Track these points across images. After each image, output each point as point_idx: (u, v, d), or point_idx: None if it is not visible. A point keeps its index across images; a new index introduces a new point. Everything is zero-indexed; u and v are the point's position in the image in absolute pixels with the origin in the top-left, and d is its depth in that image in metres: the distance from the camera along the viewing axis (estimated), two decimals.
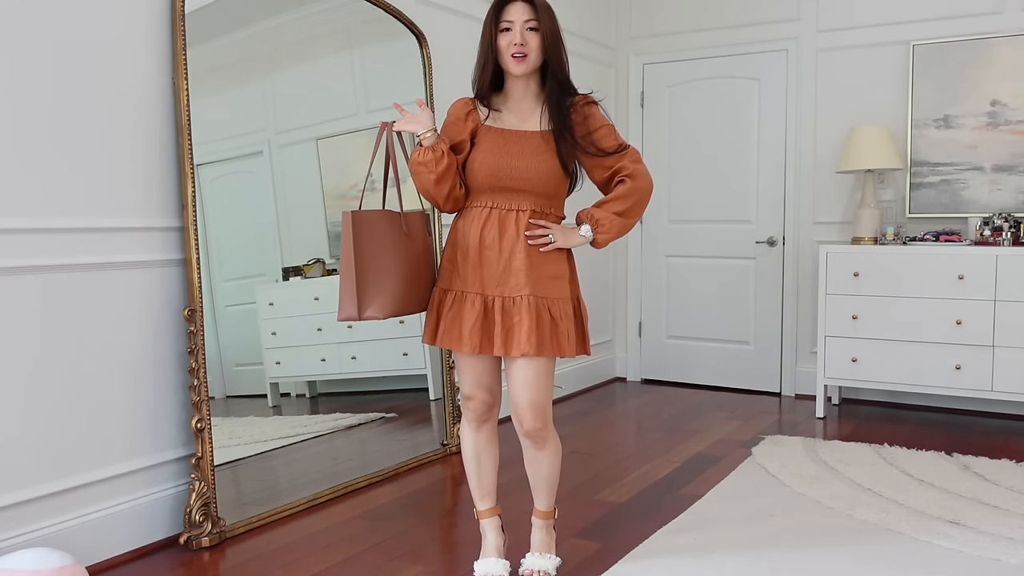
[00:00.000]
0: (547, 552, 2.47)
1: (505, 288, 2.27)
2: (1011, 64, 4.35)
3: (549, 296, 2.28)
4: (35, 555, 2.12)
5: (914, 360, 4.24)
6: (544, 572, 2.42)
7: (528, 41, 2.25)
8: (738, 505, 3.07)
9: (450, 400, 3.85)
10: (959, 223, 4.50)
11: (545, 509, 2.48)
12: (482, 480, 2.51)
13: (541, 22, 2.26)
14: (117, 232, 2.66)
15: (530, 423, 2.32)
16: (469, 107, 2.35)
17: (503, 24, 2.26)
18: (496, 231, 2.28)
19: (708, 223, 5.26)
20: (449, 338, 2.30)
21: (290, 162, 3.31)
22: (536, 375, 2.28)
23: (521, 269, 2.26)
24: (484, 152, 2.30)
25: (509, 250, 2.28)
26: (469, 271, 2.30)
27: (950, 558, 2.58)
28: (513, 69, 2.28)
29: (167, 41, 2.79)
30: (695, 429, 4.25)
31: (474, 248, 2.29)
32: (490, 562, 2.44)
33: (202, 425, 2.77)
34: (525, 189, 2.29)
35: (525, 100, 2.35)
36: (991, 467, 3.50)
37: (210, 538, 2.74)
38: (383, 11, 3.61)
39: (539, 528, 2.49)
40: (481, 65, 2.34)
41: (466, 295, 2.29)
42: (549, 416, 2.36)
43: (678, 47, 5.28)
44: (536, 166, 2.28)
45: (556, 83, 2.31)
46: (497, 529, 2.51)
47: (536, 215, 2.31)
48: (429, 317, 2.38)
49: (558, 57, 2.30)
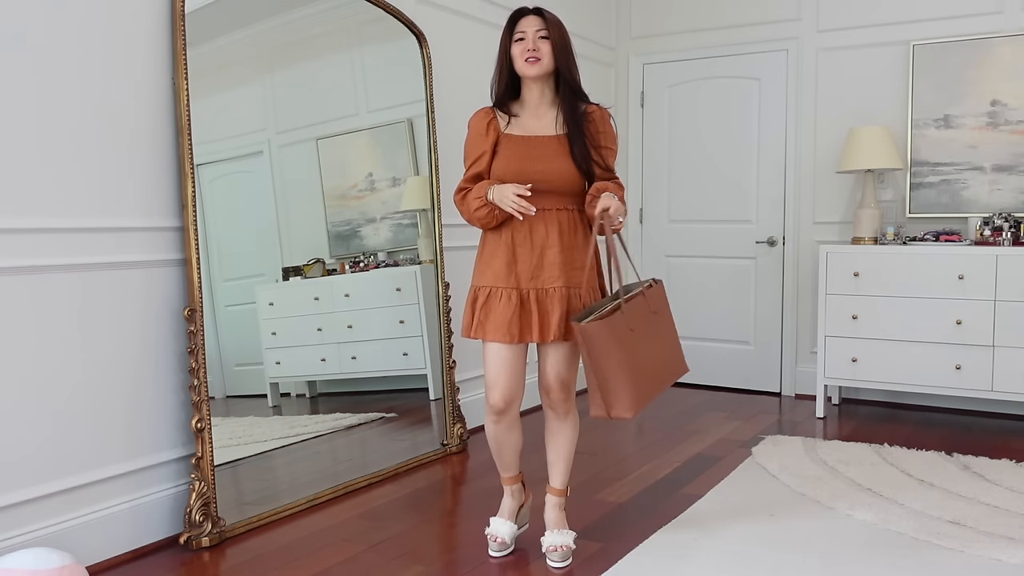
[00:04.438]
0: (562, 528, 2.64)
1: (539, 281, 2.51)
2: (1011, 64, 4.35)
3: (578, 285, 2.52)
4: (35, 555, 2.12)
5: (914, 360, 4.24)
6: (566, 547, 2.59)
7: (540, 47, 2.47)
8: (738, 505, 3.07)
9: (450, 400, 3.85)
10: (959, 223, 4.50)
11: (559, 487, 2.68)
12: (503, 461, 2.73)
13: (551, 32, 2.49)
14: (117, 232, 2.66)
15: (556, 392, 2.58)
16: (489, 117, 2.55)
17: (517, 35, 2.50)
18: (527, 230, 2.51)
19: (708, 223, 5.26)
20: (483, 329, 2.51)
21: (290, 162, 3.31)
22: (563, 356, 2.56)
23: (555, 263, 2.50)
24: (508, 158, 2.51)
25: (541, 246, 2.51)
26: (503, 268, 2.51)
27: (950, 558, 2.58)
28: (527, 71, 2.49)
29: (167, 41, 2.79)
30: (695, 429, 4.25)
31: (507, 247, 2.52)
32: (499, 522, 2.71)
33: (202, 425, 2.77)
34: (549, 190, 2.50)
35: (541, 106, 2.56)
36: (991, 467, 3.50)
37: (210, 538, 2.74)
38: (383, 11, 3.61)
39: (553, 506, 2.67)
40: (498, 73, 2.56)
41: (500, 290, 2.51)
42: (573, 391, 2.62)
43: (678, 47, 5.28)
44: (557, 168, 2.50)
45: (569, 89, 2.53)
46: (514, 492, 2.75)
47: (560, 212, 2.52)
48: (467, 314, 2.58)
49: (568, 64, 2.52)
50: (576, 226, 2.55)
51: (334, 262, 3.46)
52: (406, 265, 3.76)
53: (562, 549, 2.57)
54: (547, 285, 2.49)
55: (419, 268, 3.80)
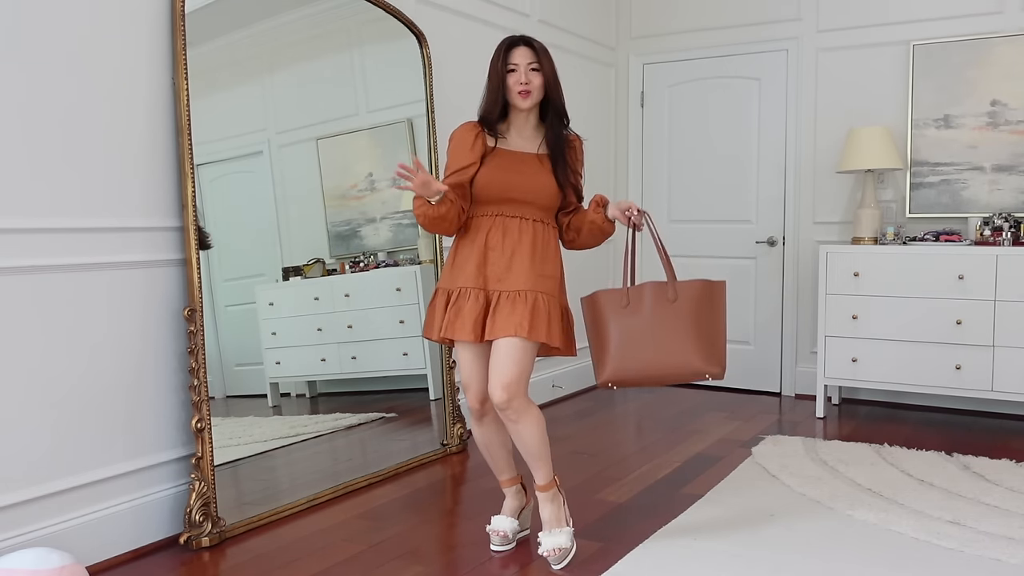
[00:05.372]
0: (557, 527, 2.60)
1: (505, 284, 2.54)
2: (1011, 64, 4.35)
3: (544, 292, 2.56)
4: (35, 555, 2.12)
5: (914, 360, 4.24)
6: (559, 549, 2.55)
7: (531, 80, 2.57)
8: (738, 505, 3.07)
9: (450, 400, 3.85)
10: (959, 223, 4.50)
11: (544, 482, 2.62)
12: (495, 462, 2.77)
13: (542, 64, 2.59)
14: (117, 232, 2.66)
15: (498, 397, 2.50)
16: (477, 130, 2.62)
17: (510, 65, 2.58)
18: (500, 234, 2.58)
19: (708, 223, 5.26)
20: (452, 329, 2.54)
21: (290, 162, 3.31)
22: (508, 355, 2.50)
23: (522, 269, 2.55)
24: (495, 169, 2.58)
25: (511, 250, 2.56)
26: (473, 270, 2.56)
27: (950, 558, 2.58)
28: (520, 104, 2.58)
29: (167, 41, 2.79)
30: (695, 429, 4.25)
31: (479, 249, 2.57)
32: (502, 519, 2.75)
33: (202, 425, 2.77)
34: (529, 201, 2.60)
35: (526, 129, 2.67)
36: (991, 467, 3.50)
37: (210, 538, 2.74)
38: (383, 11, 3.61)
39: (545, 502, 2.62)
40: (490, 99, 2.62)
41: (468, 291, 2.55)
42: (519, 391, 2.52)
43: (678, 47, 5.28)
44: (540, 182, 2.61)
45: (556, 116, 2.65)
46: (513, 494, 2.79)
47: (536, 223, 2.61)
48: (435, 316, 2.61)
49: (557, 94, 2.63)
50: (548, 239, 2.64)
51: (334, 262, 3.46)
52: (406, 265, 3.76)
53: (556, 552, 2.54)
54: (511, 288, 2.53)
55: (419, 268, 3.80)
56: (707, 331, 2.58)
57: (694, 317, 2.57)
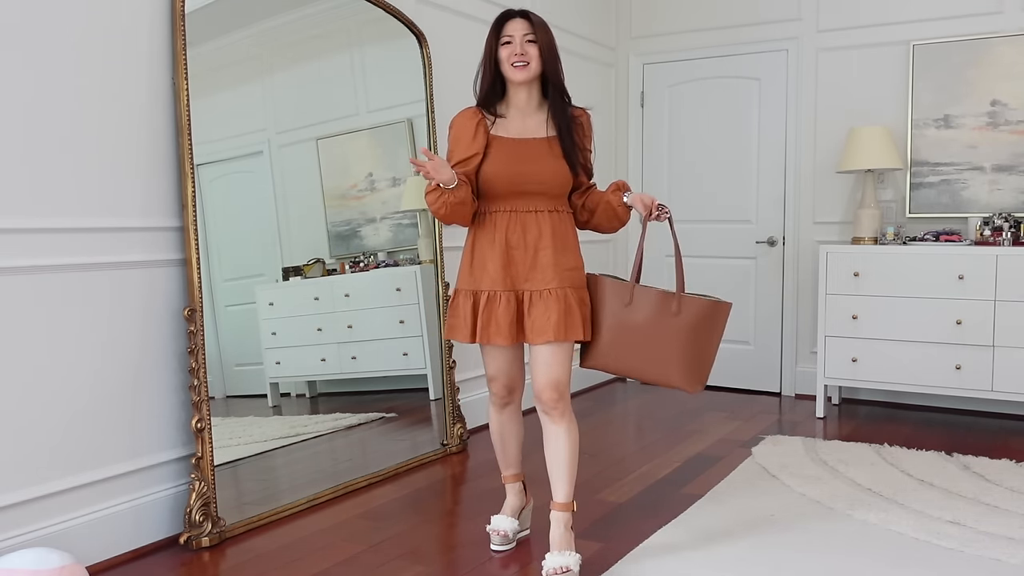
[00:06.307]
0: (566, 549, 2.49)
1: (533, 283, 2.49)
2: (1011, 64, 4.35)
3: (571, 286, 2.51)
4: (35, 555, 2.12)
5: (914, 360, 4.24)
6: (566, 568, 2.43)
7: (528, 51, 2.47)
8: (738, 505, 3.07)
9: (450, 400, 3.85)
10: (959, 223, 4.50)
11: (563, 500, 2.53)
12: (506, 454, 2.76)
13: (538, 36, 2.48)
14: (117, 232, 2.66)
15: (548, 395, 2.50)
16: (478, 117, 2.52)
17: (504, 38, 2.48)
18: (520, 232, 2.51)
19: (708, 223, 5.26)
20: (487, 334, 2.50)
21: (290, 162, 3.31)
22: (553, 356, 2.49)
23: (548, 265, 2.49)
24: (500, 162, 2.49)
25: (534, 247, 2.50)
26: (498, 270, 2.49)
27: (950, 558, 2.58)
28: (515, 76, 2.48)
29: (167, 41, 2.79)
30: (695, 429, 4.25)
31: (500, 248, 2.50)
32: (502, 518, 2.74)
33: (202, 425, 2.77)
34: (541, 192, 2.51)
35: (529, 108, 2.56)
36: (991, 467, 3.50)
37: (210, 538, 2.74)
38: (383, 11, 3.61)
39: (557, 523, 2.52)
40: (483, 75, 2.54)
41: (498, 294, 2.49)
42: (567, 392, 2.53)
43: (678, 47, 5.28)
44: (550, 170, 2.51)
45: (556, 92, 2.53)
46: (516, 492, 2.77)
47: (552, 214, 2.54)
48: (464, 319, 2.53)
49: (555, 67, 2.52)
50: (567, 228, 2.57)
51: (334, 262, 3.46)
52: (406, 265, 3.76)
53: (562, 571, 2.42)
54: (541, 287, 2.48)
55: (419, 268, 3.80)
56: (699, 352, 2.50)
57: (691, 336, 2.48)
